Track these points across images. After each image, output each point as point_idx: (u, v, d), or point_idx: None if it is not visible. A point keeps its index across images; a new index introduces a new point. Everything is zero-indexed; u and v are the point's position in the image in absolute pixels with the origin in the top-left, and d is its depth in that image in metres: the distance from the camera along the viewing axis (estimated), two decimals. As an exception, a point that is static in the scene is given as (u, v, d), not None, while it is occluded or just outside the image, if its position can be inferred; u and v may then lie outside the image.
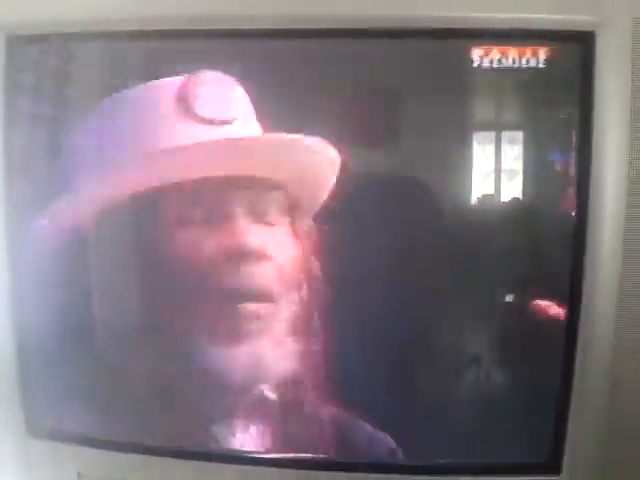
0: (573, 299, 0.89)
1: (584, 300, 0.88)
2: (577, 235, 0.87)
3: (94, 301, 0.97)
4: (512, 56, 0.86)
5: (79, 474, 1.01)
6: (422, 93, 0.90)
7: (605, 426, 0.90)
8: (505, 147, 0.90)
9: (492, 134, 0.89)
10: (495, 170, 0.91)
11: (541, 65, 0.86)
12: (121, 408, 0.99)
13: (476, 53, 0.86)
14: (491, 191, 0.91)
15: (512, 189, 0.90)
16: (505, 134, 0.89)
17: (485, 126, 0.89)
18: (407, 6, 0.86)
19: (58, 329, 0.99)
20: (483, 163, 0.91)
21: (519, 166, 0.90)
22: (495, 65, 0.86)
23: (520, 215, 0.91)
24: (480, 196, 0.92)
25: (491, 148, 0.90)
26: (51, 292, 0.98)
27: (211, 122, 0.91)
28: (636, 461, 0.92)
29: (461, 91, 0.89)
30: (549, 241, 0.92)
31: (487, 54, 0.86)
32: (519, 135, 0.89)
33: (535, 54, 0.86)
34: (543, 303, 0.91)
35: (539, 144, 0.89)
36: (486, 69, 0.86)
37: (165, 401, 0.96)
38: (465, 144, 0.89)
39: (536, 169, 0.90)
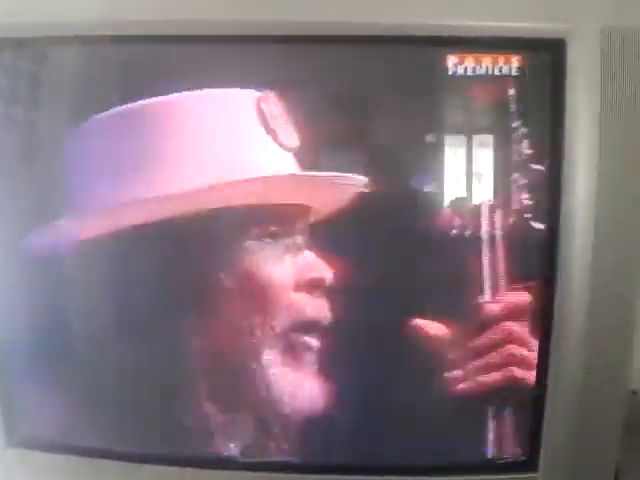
0: (547, 296, 0.91)
1: (556, 299, 0.91)
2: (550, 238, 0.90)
3: (83, 308, 0.97)
4: (485, 64, 0.88)
5: None
6: (397, 100, 0.91)
7: (579, 421, 0.93)
8: (477, 153, 0.91)
9: (465, 140, 0.91)
10: (467, 175, 0.92)
11: (514, 73, 0.88)
12: (105, 416, 0.98)
13: (451, 61, 0.88)
14: (463, 194, 0.93)
15: (484, 193, 0.92)
16: (478, 140, 0.90)
17: (459, 133, 0.91)
18: (383, 14, 0.87)
19: (41, 337, 0.98)
20: (456, 168, 0.92)
21: (491, 172, 0.91)
22: (469, 73, 0.88)
23: (492, 214, 0.92)
24: (453, 199, 0.93)
25: (463, 154, 0.91)
26: (41, 302, 0.98)
27: (284, 147, 0.91)
28: (610, 454, 0.95)
29: (437, 98, 0.91)
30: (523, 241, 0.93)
31: (462, 62, 0.88)
32: (491, 141, 0.90)
33: (508, 62, 0.88)
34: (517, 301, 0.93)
35: (511, 151, 0.90)
36: (461, 77, 0.88)
37: (151, 408, 0.97)
38: (439, 150, 0.91)
39: (508, 175, 0.91)
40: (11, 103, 0.95)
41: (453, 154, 0.91)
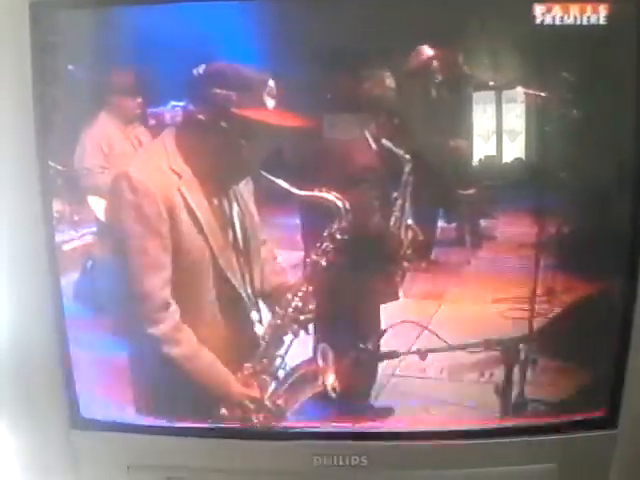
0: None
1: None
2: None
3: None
4: (573, 13, 0.85)
5: (129, 466, 0.98)
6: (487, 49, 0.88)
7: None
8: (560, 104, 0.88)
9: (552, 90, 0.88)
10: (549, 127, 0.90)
11: (601, 22, 0.85)
12: (163, 394, 0.98)
13: (538, 10, 0.84)
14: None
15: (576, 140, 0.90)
16: (565, 89, 0.88)
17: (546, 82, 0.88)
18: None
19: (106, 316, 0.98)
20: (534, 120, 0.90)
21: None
22: (557, 22, 0.85)
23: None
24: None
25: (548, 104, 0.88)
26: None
27: None
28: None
29: (525, 48, 0.88)
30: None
31: (549, 11, 0.84)
32: (579, 90, 0.88)
33: (595, 11, 0.85)
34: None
35: (597, 100, 0.88)
36: (548, 26, 0.85)
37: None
38: (525, 100, 0.88)
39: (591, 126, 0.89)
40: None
41: (536, 104, 0.88)
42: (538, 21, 0.85)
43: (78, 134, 0.97)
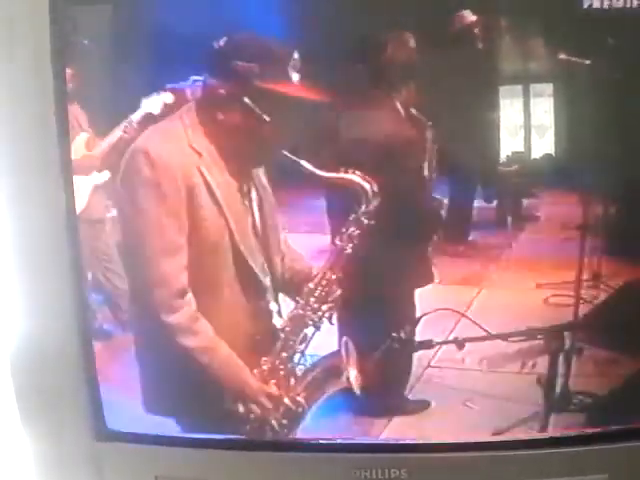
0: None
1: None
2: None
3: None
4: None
5: (157, 477, 0.92)
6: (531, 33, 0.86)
7: None
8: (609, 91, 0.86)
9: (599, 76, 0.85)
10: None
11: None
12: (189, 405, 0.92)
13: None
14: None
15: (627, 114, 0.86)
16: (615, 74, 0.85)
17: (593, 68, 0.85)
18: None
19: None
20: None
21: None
22: (605, 6, 0.82)
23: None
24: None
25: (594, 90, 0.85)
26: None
27: None
28: None
29: (572, 32, 0.86)
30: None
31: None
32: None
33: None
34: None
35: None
36: (597, 10, 0.82)
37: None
38: (574, 84, 0.86)
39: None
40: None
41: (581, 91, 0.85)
42: (586, 5, 0.83)
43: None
